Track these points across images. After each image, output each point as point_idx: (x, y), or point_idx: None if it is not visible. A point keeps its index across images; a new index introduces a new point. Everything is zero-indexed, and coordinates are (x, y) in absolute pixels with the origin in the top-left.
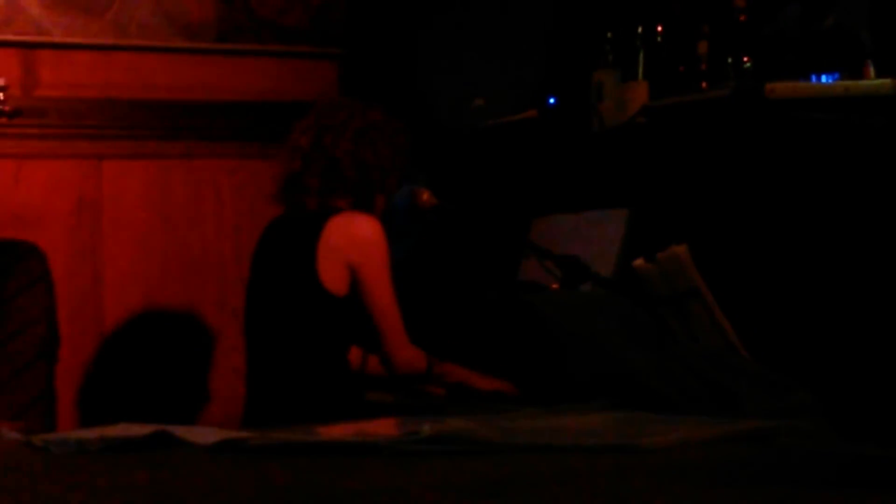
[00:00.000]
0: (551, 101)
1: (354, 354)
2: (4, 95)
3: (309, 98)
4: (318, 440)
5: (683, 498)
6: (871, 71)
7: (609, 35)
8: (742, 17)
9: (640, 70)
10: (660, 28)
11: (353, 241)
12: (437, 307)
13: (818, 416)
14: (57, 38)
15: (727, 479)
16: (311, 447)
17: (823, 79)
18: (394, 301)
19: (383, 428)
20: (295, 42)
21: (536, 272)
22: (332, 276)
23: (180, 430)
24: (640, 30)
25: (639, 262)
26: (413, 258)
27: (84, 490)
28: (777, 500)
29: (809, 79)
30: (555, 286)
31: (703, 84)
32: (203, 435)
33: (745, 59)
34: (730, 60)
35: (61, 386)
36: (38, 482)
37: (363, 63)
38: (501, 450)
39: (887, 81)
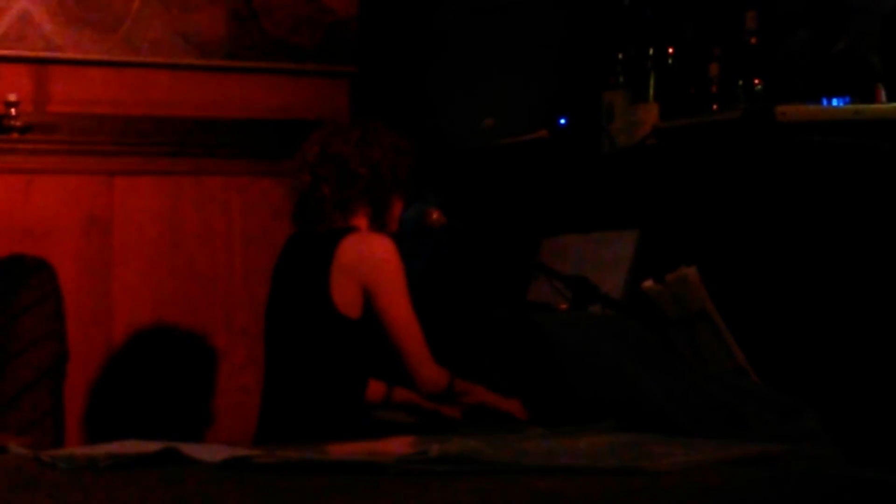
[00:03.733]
0: (562, 121)
1: (378, 388)
2: (16, 111)
3: (319, 116)
4: (325, 459)
5: None
6: (882, 95)
7: (620, 56)
8: (753, 40)
9: (651, 91)
10: (671, 50)
11: (366, 261)
12: (446, 326)
13: (826, 439)
14: (69, 55)
15: (733, 502)
16: (318, 466)
17: (834, 102)
18: (413, 319)
19: (391, 447)
20: (306, 60)
21: (545, 293)
22: (346, 298)
23: (188, 448)
24: (651, 51)
25: (648, 283)
26: (422, 278)
27: None
28: None
29: (820, 102)
30: (563, 307)
31: (714, 106)
32: (211, 452)
33: (756, 81)
34: (741, 83)
35: (70, 402)
36: (45, 499)
37: (374, 82)
38: (509, 470)
39: None
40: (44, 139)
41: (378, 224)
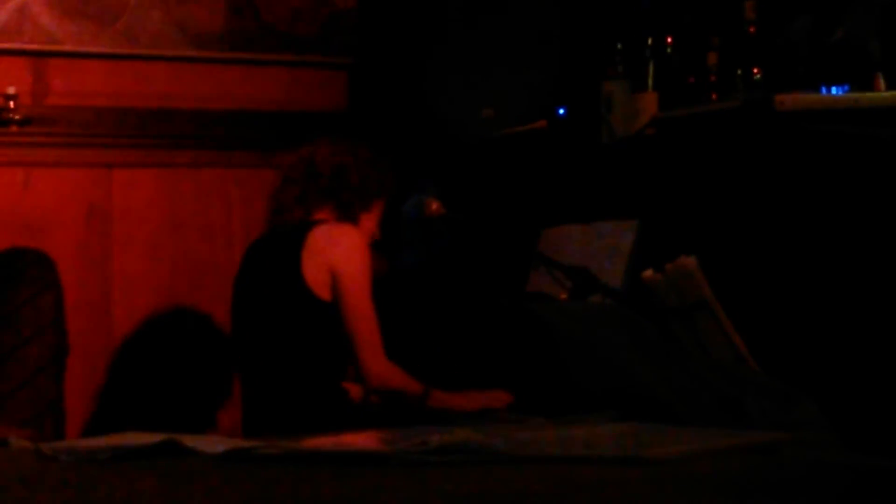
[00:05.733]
0: (561, 111)
1: (356, 389)
2: (15, 104)
3: (319, 108)
4: (326, 451)
5: None
6: (881, 83)
7: (619, 46)
8: (752, 29)
9: (650, 81)
10: (670, 39)
11: (335, 247)
12: (445, 317)
13: (825, 427)
14: (67, 47)
15: (734, 490)
16: (319, 458)
17: (833, 91)
18: (372, 311)
19: (388, 438)
20: (305, 52)
21: (545, 283)
22: (317, 281)
23: (188, 439)
24: (650, 41)
25: (648, 273)
26: (422, 268)
27: (92, 499)
28: None
29: (819, 91)
30: (563, 297)
31: (713, 95)
32: (210, 444)
33: (755, 70)
34: (740, 72)
35: (70, 394)
36: (45, 491)
37: (373, 73)
38: (509, 461)
39: None
40: (42, 132)
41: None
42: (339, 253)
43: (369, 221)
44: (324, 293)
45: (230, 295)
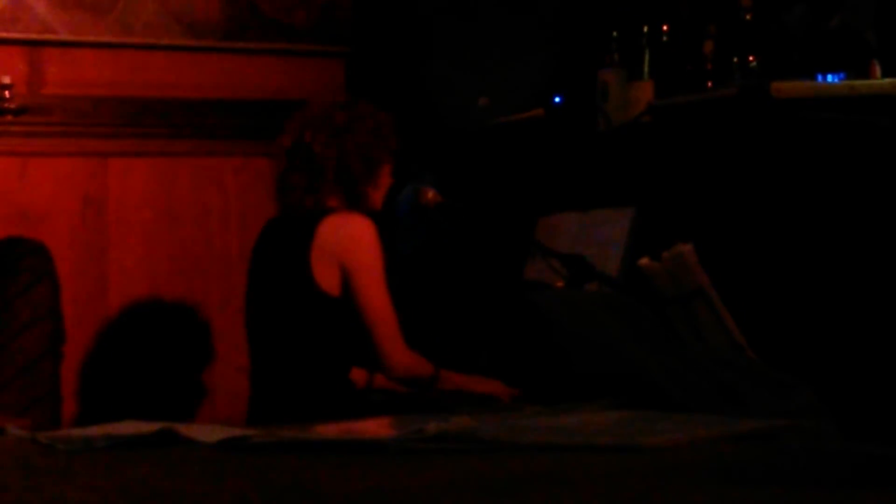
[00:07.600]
0: (557, 100)
1: (359, 374)
2: (10, 93)
3: (315, 97)
4: (322, 438)
5: (688, 497)
6: (877, 70)
7: (615, 34)
8: (748, 17)
9: (646, 69)
10: (666, 27)
11: (345, 242)
12: (442, 306)
13: (822, 415)
14: (63, 37)
15: (731, 478)
16: (315, 446)
17: (829, 78)
18: (388, 303)
19: (386, 426)
20: (301, 40)
21: (542, 271)
22: (326, 277)
23: (185, 428)
24: (645, 29)
25: (644, 261)
26: (418, 257)
27: (88, 488)
28: (781, 500)
29: (815, 78)
30: (560, 285)
31: (709, 83)
32: (208, 433)
33: (751, 58)
34: (736, 60)
35: (66, 383)
36: (42, 480)
37: (369, 61)
38: (506, 449)
39: (893, 81)
40: (38, 121)
41: (354, 206)
42: (349, 248)
43: (374, 195)
44: (333, 289)
45: (226, 283)
